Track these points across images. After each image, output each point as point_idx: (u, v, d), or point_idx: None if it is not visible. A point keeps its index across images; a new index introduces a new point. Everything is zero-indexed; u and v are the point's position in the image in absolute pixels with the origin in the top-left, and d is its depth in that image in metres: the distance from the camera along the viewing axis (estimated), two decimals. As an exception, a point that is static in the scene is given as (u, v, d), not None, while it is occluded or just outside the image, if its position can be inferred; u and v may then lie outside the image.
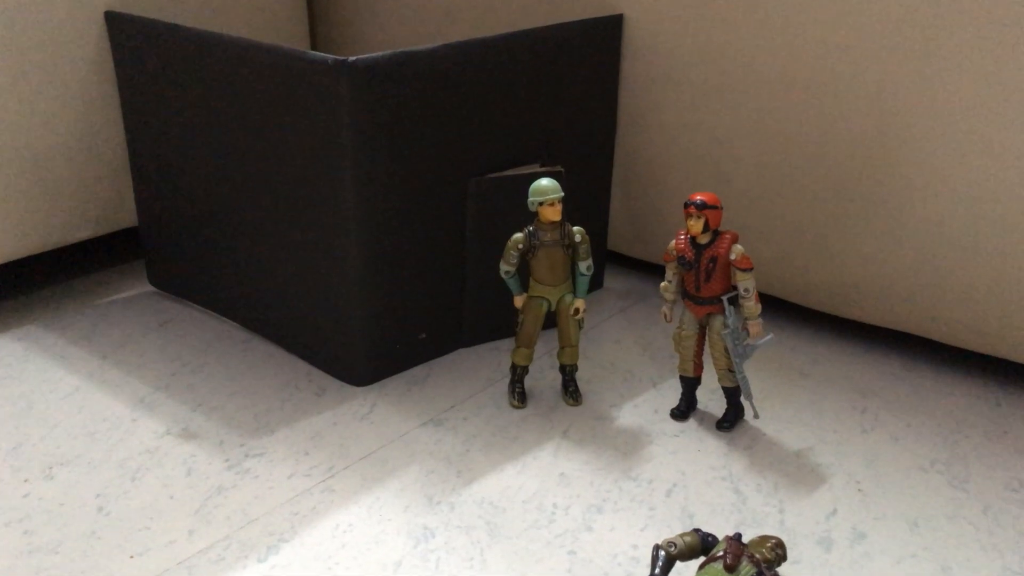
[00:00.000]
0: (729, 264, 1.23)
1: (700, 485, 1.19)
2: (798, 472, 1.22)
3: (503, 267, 1.31)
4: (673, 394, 1.38)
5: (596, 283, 1.71)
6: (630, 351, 1.52)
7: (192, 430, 1.29)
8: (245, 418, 1.32)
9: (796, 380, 1.43)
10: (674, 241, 1.26)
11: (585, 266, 1.30)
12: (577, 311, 1.31)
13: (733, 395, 1.30)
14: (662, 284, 1.30)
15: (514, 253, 1.29)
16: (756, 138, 1.48)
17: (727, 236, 1.23)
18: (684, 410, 1.33)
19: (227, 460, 1.23)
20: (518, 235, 1.29)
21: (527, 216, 1.32)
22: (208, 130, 1.44)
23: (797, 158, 1.45)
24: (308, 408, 1.35)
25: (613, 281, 1.75)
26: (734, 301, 1.25)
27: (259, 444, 1.26)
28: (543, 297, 1.32)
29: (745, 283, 1.23)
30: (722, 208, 1.23)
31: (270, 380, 1.42)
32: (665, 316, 1.31)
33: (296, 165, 1.33)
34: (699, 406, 1.35)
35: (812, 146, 1.43)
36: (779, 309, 1.63)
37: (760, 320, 1.25)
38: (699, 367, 1.32)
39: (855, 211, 1.42)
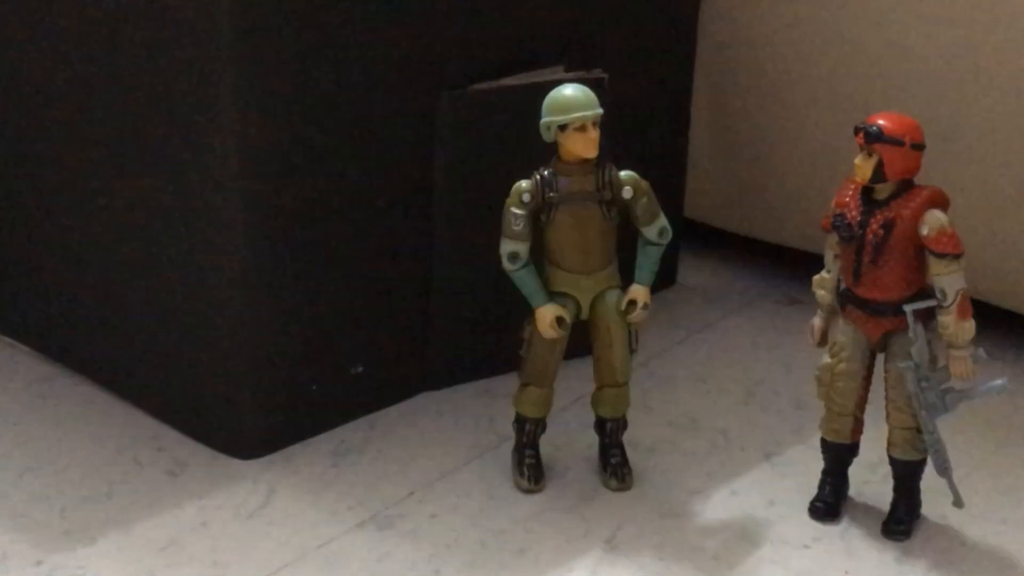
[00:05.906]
0: (917, 241, 1.23)
1: (848, 631, 1.22)
2: (1022, 607, 1.25)
3: (505, 247, 1.30)
4: (804, 473, 1.39)
5: (665, 276, 1.70)
6: (723, 396, 1.53)
7: (-48, 535, 1.30)
8: (45, 514, 1.33)
9: (1020, 448, 1.45)
10: (839, 193, 1.27)
11: (656, 231, 1.29)
12: (632, 305, 1.30)
13: (911, 476, 1.31)
14: (816, 276, 1.31)
15: (519, 214, 1.28)
16: (960, 28, 1.48)
17: (922, 192, 1.23)
18: (833, 502, 1.34)
19: (15, 587, 1.25)
20: (523, 183, 1.30)
21: (542, 154, 1.32)
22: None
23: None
24: (156, 497, 1.36)
25: (693, 274, 1.77)
26: (929, 313, 1.24)
27: (71, 560, 1.27)
28: (567, 295, 1.32)
29: (944, 280, 1.22)
30: (918, 147, 1.21)
31: (90, 447, 1.43)
32: (813, 332, 1.32)
33: (138, 77, 1.35)
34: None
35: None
36: (992, 324, 1.59)
37: (971, 350, 1.24)
38: (860, 426, 1.33)
39: None
